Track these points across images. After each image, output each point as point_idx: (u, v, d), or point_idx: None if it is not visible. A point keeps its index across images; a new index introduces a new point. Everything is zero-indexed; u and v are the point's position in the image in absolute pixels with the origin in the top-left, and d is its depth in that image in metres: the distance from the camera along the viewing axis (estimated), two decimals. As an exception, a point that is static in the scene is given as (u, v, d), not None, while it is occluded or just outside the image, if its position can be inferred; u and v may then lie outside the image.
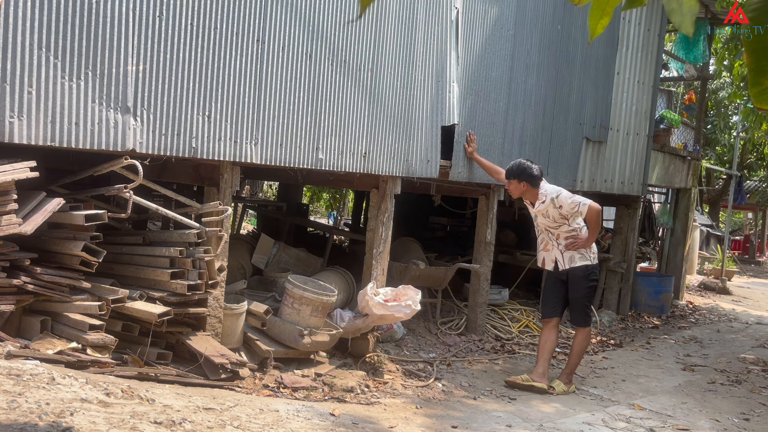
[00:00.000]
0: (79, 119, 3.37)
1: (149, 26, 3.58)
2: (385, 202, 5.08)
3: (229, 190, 4.17)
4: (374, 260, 5.07)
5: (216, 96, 3.92)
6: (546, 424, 4.00)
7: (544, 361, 4.81)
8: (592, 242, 4.88)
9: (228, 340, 4.23)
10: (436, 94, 5.22)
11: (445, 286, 6.35)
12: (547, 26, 6.17)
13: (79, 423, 2.40)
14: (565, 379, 4.85)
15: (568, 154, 6.70)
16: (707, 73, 10.63)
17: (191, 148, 3.85)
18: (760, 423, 4.44)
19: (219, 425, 2.87)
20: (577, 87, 6.68)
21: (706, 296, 10.98)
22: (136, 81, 3.57)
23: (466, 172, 5.58)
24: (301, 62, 4.33)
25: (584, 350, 5.04)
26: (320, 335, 4.52)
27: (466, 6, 5.33)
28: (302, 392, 4.07)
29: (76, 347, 3.31)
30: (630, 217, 8.11)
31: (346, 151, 4.68)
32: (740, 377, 5.62)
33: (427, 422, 3.81)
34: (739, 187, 12.70)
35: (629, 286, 8.11)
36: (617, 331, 7.28)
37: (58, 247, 3.44)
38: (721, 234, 16.40)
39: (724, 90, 16.80)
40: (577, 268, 4.83)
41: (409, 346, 5.53)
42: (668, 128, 9.24)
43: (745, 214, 26.74)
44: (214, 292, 4.04)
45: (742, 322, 8.71)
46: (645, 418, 4.29)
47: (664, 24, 7.90)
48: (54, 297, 3.36)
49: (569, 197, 4.80)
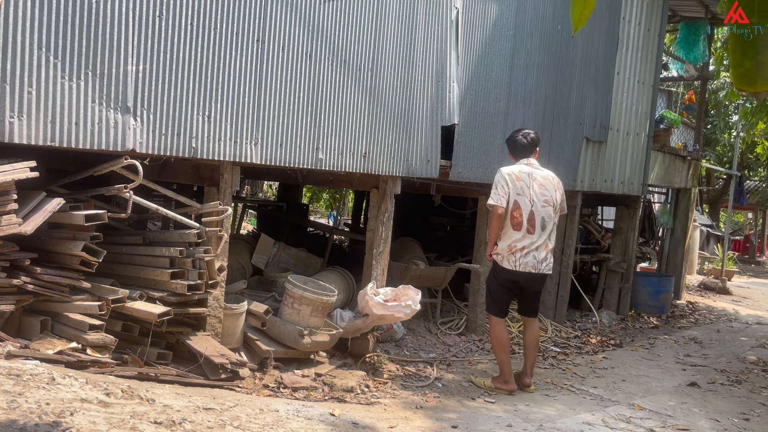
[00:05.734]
0: (79, 119, 3.37)
1: (149, 26, 3.58)
2: (385, 202, 5.08)
3: (229, 190, 4.17)
4: (374, 260, 5.07)
5: (216, 96, 3.92)
6: (546, 424, 3.99)
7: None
8: (489, 242, 4.70)
9: (228, 340, 4.23)
10: (436, 94, 5.22)
11: (445, 286, 6.35)
12: (547, 26, 6.17)
13: (79, 423, 2.40)
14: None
15: (568, 154, 6.70)
16: (707, 73, 10.63)
17: (191, 148, 3.85)
18: (760, 423, 4.43)
19: (219, 425, 2.87)
20: (577, 87, 6.68)
21: (706, 296, 10.98)
22: (136, 81, 3.57)
23: (466, 172, 5.58)
24: (301, 62, 4.33)
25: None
26: (320, 335, 4.52)
27: (466, 6, 5.33)
28: (302, 392, 4.07)
29: (76, 347, 3.31)
30: (630, 217, 8.11)
31: (346, 151, 4.68)
32: (740, 377, 5.62)
33: (427, 422, 3.81)
34: (739, 187, 12.70)
35: (629, 286, 8.11)
36: (617, 331, 7.28)
37: (58, 247, 3.44)
38: (721, 234, 16.40)
39: (724, 90, 16.79)
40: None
41: (409, 346, 5.54)
42: (668, 128, 9.24)
43: (745, 214, 26.73)
44: (214, 292, 4.04)
45: (742, 322, 8.71)
46: (645, 418, 4.29)
47: (664, 24, 7.90)
48: (54, 297, 3.36)
49: (494, 181, 4.60)
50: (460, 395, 4.53)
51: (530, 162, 4.68)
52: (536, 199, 4.54)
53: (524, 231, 4.52)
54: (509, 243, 4.54)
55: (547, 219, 4.60)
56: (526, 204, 4.52)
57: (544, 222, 4.58)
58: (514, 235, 4.53)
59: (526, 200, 4.52)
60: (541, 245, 4.57)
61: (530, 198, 4.53)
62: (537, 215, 4.54)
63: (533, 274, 4.58)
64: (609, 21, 7.00)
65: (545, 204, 4.58)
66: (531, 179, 4.56)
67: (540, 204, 4.55)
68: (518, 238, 4.52)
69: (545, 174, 4.68)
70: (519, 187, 4.52)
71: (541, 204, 4.56)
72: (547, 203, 4.59)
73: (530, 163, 4.67)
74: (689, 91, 14.53)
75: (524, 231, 4.52)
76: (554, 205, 4.64)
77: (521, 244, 4.52)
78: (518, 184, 4.52)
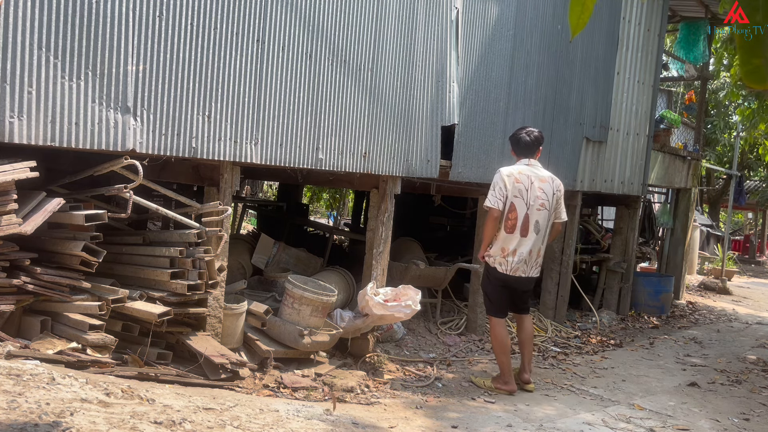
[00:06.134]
0: (79, 119, 3.37)
1: (149, 26, 3.58)
2: (385, 202, 5.08)
3: (229, 190, 4.17)
4: (374, 260, 5.07)
5: (216, 96, 3.92)
6: (546, 424, 3.99)
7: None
8: (482, 245, 4.68)
9: (228, 340, 4.23)
10: (436, 94, 5.22)
11: (445, 286, 6.35)
12: (547, 26, 6.17)
13: (79, 423, 2.40)
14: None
15: (568, 154, 6.70)
16: (707, 73, 10.64)
17: (191, 148, 3.85)
18: (760, 423, 4.43)
19: (219, 425, 2.87)
20: (577, 87, 6.68)
21: (706, 296, 10.98)
22: (136, 81, 3.57)
23: (466, 172, 5.58)
24: (301, 62, 4.33)
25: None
26: (320, 335, 4.52)
27: (466, 6, 5.33)
28: (302, 392, 4.07)
29: (76, 347, 3.31)
30: (630, 217, 8.11)
31: (346, 151, 4.68)
32: (740, 377, 5.62)
33: (427, 422, 3.81)
34: (739, 187, 12.70)
35: (629, 286, 8.11)
36: (617, 331, 7.28)
37: (58, 247, 3.44)
38: (721, 234, 16.40)
39: (724, 90, 16.79)
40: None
41: (409, 346, 5.54)
42: (668, 128, 9.24)
43: (745, 214, 26.73)
44: (214, 292, 4.04)
45: (742, 322, 8.71)
46: (645, 418, 4.29)
47: (664, 24, 7.90)
48: (54, 297, 3.36)
49: (492, 182, 4.57)
50: (460, 395, 4.53)
51: (531, 162, 4.64)
52: (532, 203, 4.51)
53: (517, 234, 4.49)
54: (501, 246, 4.53)
55: (542, 223, 4.56)
56: (521, 207, 4.48)
57: (537, 226, 4.54)
58: (507, 237, 4.51)
59: (522, 203, 4.49)
60: (533, 249, 4.54)
61: (527, 201, 4.50)
62: (531, 218, 4.51)
63: (522, 278, 4.58)
64: (609, 21, 7.00)
65: (540, 208, 4.54)
66: (530, 181, 4.53)
67: (536, 207, 4.52)
68: (511, 241, 4.50)
69: (545, 176, 4.64)
70: (517, 189, 4.49)
71: (536, 207, 4.52)
72: (543, 207, 4.55)
73: (531, 164, 4.63)
74: (689, 91, 14.52)
75: (517, 234, 4.49)
76: (550, 210, 4.60)
77: (513, 247, 4.50)
78: (517, 186, 4.49)
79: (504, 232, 4.51)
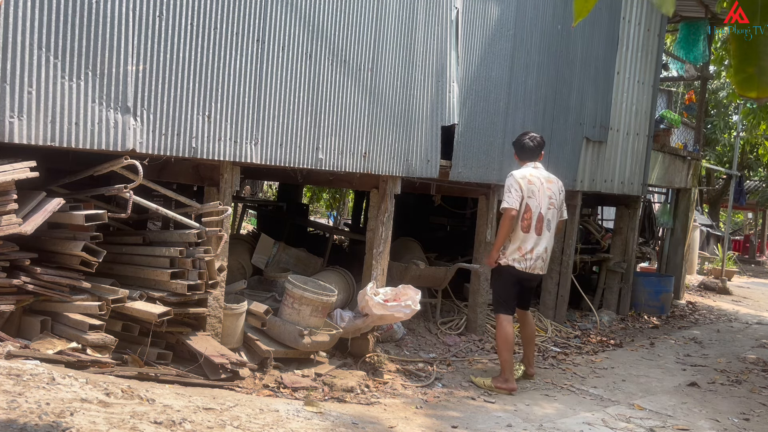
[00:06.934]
0: (79, 119, 3.37)
1: (149, 26, 3.58)
2: (385, 202, 5.08)
3: (229, 190, 4.17)
4: (374, 260, 5.07)
5: (216, 96, 3.92)
6: (546, 424, 4.00)
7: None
8: (496, 245, 4.73)
9: (228, 340, 4.23)
10: (436, 94, 5.22)
11: (445, 286, 6.35)
12: (547, 26, 6.17)
13: (79, 423, 2.40)
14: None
15: (568, 154, 6.70)
16: (707, 73, 10.64)
17: (191, 148, 3.85)
18: (760, 423, 4.43)
19: (219, 425, 2.87)
20: (577, 87, 6.68)
21: (706, 296, 10.98)
22: (136, 81, 3.57)
23: (466, 172, 5.58)
24: (301, 62, 4.33)
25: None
26: (320, 335, 4.52)
27: (466, 6, 5.33)
28: (302, 392, 4.07)
29: (76, 347, 3.31)
30: (630, 217, 8.11)
31: (346, 151, 4.68)
32: (740, 377, 5.62)
33: (427, 422, 3.81)
34: (739, 187, 12.70)
35: (629, 286, 8.11)
36: (617, 331, 7.28)
37: (58, 247, 3.44)
38: (721, 234, 16.40)
39: (724, 90, 16.80)
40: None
41: (409, 346, 5.54)
42: (668, 128, 9.25)
43: (745, 214, 26.73)
44: (214, 292, 4.04)
45: (742, 322, 8.71)
46: (645, 418, 4.29)
47: (664, 24, 7.90)
48: (54, 297, 3.36)
49: (505, 187, 4.71)
50: (460, 395, 4.53)
51: (536, 165, 4.86)
52: (544, 202, 4.72)
53: (533, 233, 4.68)
54: (519, 245, 4.67)
55: (552, 220, 4.80)
56: (535, 206, 4.69)
57: (549, 224, 4.77)
58: (524, 237, 4.67)
59: (535, 203, 4.68)
60: (548, 246, 4.78)
61: (539, 200, 4.70)
62: (544, 217, 4.72)
63: (541, 274, 4.84)
64: (609, 21, 7.00)
65: (551, 206, 4.77)
66: (540, 182, 4.75)
67: (546, 206, 4.73)
68: (527, 240, 4.67)
69: (550, 177, 4.87)
70: (530, 190, 4.68)
71: (547, 206, 4.74)
72: (553, 205, 4.78)
73: (537, 166, 4.85)
74: (689, 91, 14.53)
75: (533, 233, 4.68)
76: (558, 208, 4.85)
77: (530, 245, 4.67)
78: (530, 187, 4.68)
79: (520, 231, 4.67)
